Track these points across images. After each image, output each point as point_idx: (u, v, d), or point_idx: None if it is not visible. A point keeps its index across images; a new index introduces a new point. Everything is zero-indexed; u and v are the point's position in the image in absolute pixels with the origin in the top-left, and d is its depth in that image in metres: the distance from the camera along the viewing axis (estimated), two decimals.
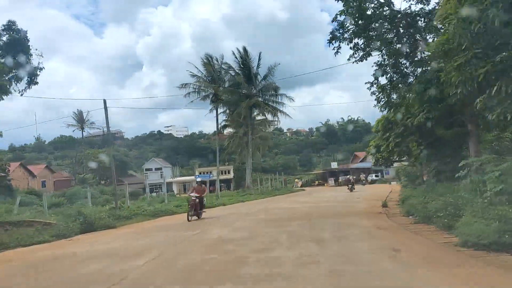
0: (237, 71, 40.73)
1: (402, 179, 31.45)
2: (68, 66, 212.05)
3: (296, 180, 72.10)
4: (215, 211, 21.77)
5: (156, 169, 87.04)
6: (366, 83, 15.62)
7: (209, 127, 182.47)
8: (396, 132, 19.82)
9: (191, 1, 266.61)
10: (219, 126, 47.25)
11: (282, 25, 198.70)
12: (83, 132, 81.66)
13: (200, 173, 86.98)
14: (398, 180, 48.65)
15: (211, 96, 44.73)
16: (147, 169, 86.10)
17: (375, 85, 15.63)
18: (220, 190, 73.88)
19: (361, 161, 66.27)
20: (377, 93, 15.89)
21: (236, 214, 19.18)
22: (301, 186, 64.21)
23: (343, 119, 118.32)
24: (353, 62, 15.11)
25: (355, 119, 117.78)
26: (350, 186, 35.69)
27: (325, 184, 64.18)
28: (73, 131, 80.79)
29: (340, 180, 61.12)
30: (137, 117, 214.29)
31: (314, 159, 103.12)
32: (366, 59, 15.17)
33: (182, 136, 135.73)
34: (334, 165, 67.46)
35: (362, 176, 47.25)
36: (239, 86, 40.47)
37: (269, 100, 41.72)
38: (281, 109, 41.48)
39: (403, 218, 13.56)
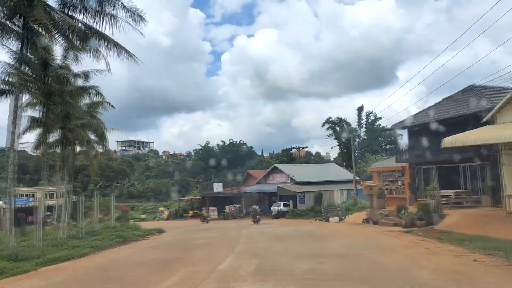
0: None
1: None
2: None
3: (161, 209, 50.23)
4: None
5: None
6: None
7: None
8: None
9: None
10: None
11: (163, 50, 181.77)
12: None
13: (16, 196, 57.78)
14: (336, 214, 28.73)
15: None
16: None
17: None
18: (46, 224, 46.76)
19: (257, 183, 45.82)
20: None
21: None
22: (167, 219, 43.31)
23: (224, 142, 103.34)
24: None
25: (237, 142, 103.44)
26: (257, 217, 29.02)
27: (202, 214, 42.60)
28: None
29: (227, 210, 40.26)
30: None
31: (192, 183, 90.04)
32: None
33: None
34: (218, 187, 45.61)
35: (255, 209, 29.92)
36: None
37: (82, 8, 16.36)
38: (110, 35, 16.75)
39: None
